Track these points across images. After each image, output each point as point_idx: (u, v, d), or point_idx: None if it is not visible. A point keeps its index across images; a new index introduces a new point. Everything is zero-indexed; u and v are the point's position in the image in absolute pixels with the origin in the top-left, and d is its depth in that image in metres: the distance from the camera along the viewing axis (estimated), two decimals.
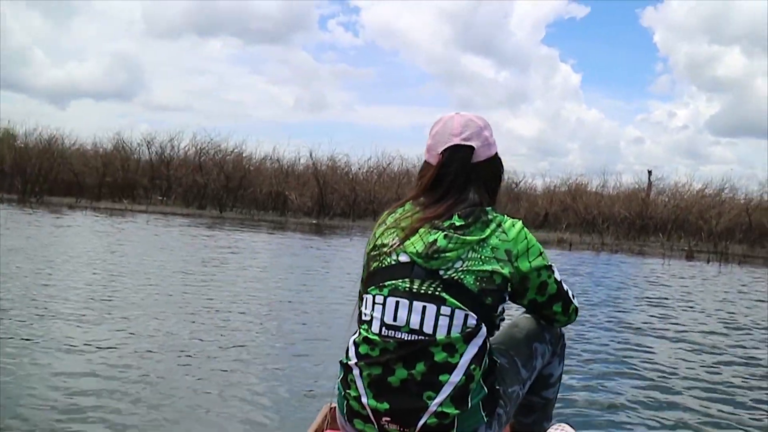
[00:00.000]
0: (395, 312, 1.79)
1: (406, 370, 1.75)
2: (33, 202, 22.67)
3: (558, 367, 2.18)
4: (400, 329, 1.78)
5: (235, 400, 3.74)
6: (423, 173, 1.98)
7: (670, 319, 7.54)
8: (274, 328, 5.72)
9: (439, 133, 1.97)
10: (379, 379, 1.78)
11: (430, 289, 1.78)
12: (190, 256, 10.84)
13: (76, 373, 4.01)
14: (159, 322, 5.51)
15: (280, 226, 20.47)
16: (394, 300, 1.80)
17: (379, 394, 1.78)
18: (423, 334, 1.76)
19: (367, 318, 1.85)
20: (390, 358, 1.77)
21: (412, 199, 1.96)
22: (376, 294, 1.83)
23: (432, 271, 1.79)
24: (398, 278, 1.81)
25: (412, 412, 1.75)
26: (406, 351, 1.76)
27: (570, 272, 12.32)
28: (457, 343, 1.75)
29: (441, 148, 1.93)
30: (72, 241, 12.01)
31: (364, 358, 1.81)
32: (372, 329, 1.82)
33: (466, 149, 1.92)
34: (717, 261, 17.64)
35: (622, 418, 3.75)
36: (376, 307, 1.83)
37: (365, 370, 1.80)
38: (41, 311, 5.59)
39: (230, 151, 28.14)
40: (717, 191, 26.35)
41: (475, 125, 1.96)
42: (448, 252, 1.79)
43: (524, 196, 28.16)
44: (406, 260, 1.82)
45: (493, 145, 1.99)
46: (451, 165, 1.91)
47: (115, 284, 7.31)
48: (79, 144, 28.33)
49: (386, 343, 1.78)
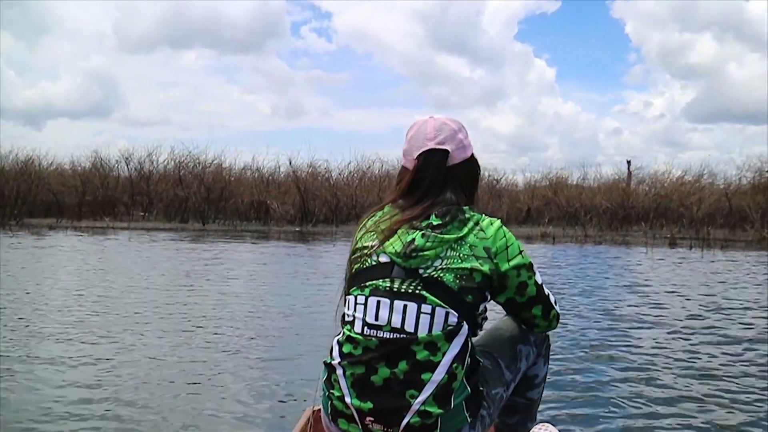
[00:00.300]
0: (377, 311, 1.81)
1: (389, 368, 1.76)
2: (12, 225, 22.42)
3: (543, 368, 2.20)
4: (382, 328, 1.79)
5: (217, 408, 3.72)
6: (400, 177, 2.01)
7: (650, 305, 7.61)
8: (255, 335, 5.70)
9: (413, 138, 1.99)
10: (362, 378, 1.79)
11: (410, 288, 1.79)
12: (174, 269, 10.77)
13: (65, 385, 4.05)
14: (142, 336, 5.48)
15: (264, 236, 20.40)
16: (375, 299, 1.81)
17: (362, 394, 1.79)
18: (404, 332, 1.77)
19: (349, 318, 1.86)
20: (372, 356, 1.78)
21: (390, 202, 1.98)
22: (358, 294, 1.85)
23: (411, 270, 1.81)
24: (379, 278, 1.83)
25: (395, 412, 1.75)
26: (389, 349, 1.77)
27: (553, 265, 12.41)
28: (438, 341, 1.76)
29: (416, 153, 1.96)
30: (55, 261, 11.87)
31: (347, 357, 1.82)
32: (354, 329, 1.83)
33: (441, 153, 1.94)
34: (699, 247, 17.75)
35: (603, 412, 3.72)
36: (358, 307, 1.84)
37: (348, 369, 1.81)
38: (28, 330, 5.57)
39: (209, 162, 28.08)
40: (696, 177, 26.67)
41: (449, 128, 1.98)
42: (426, 250, 1.80)
43: (506, 193, 28.30)
44: (386, 260, 1.84)
45: (468, 147, 2.01)
46: (426, 169, 1.93)
47: (101, 300, 7.26)
48: (57, 164, 28.15)
49: (368, 342, 1.79)
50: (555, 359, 4.64)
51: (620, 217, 25.19)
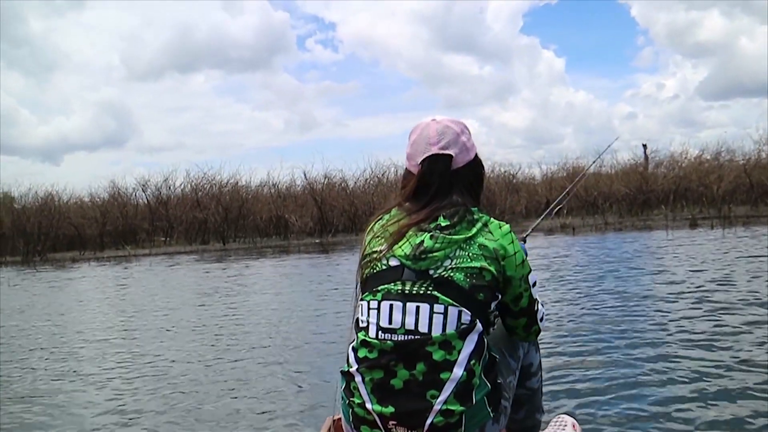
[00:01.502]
0: (390, 315, 1.81)
1: (407, 371, 1.76)
2: (36, 261, 22.67)
3: (536, 356, 2.22)
4: (396, 331, 1.79)
5: (240, 421, 3.77)
6: (405, 182, 2.01)
7: (666, 283, 7.63)
8: (282, 345, 5.75)
9: (416, 142, 1.98)
10: (381, 383, 1.79)
11: (422, 289, 1.79)
12: (198, 289, 10.86)
13: (101, 403, 4.32)
14: (172, 353, 5.61)
15: (284, 250, 20.47)
16: (388, 303, 1.82)
17: (383, 399, 1.78)
18: (419, 333, 1.77)
19: (363, 324, 1.86)
20: (389, 359, 1.78)
21: (396, 206, 1.97)
22: (371, 299, 1.85)
23: (422, 271, 1.81)
24: (390, 282, 1.83)
25: (417, 414, 1.75)
26: (404, 351, 1.77)
27: (567, 255, 12.33)
28: (453, 339, 1.76)
29: (420, 157, 1.96)
30: (81, 291, 12.02)
31: (363, 362, 1.82)
32: (369, 334, 1.83)
33: (445, 158, 1.94)
34: (721, 225, 17.50)
35: (618, 402, 3.66)
36: (371, 312, 1.84)
37: (367, 375, 1.81)
38: (65, 357, 5.77)
39: (225, 182, 28.21)
40: (714, 155, 26.33)
41: (452, 132, 1.97)
42: (436, 252, 1.81)
43: (523, 187, 28.08)
44: (396, 264, 1.85)
45: (472, 149, 2.01)
46: (431, 175, 1.93)
47: (130, 324, 7.42)
48: (76, 197, 28.44)
49: (384, 345, 1.79)
50: (560, 351, 4.72)
51: (640, 202, 24.93)
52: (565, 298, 7.21)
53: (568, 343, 4.99)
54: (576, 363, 4.43)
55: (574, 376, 4.12)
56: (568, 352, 4.73)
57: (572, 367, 4.32)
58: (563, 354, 4.69)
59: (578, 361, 4.46)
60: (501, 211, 24.76)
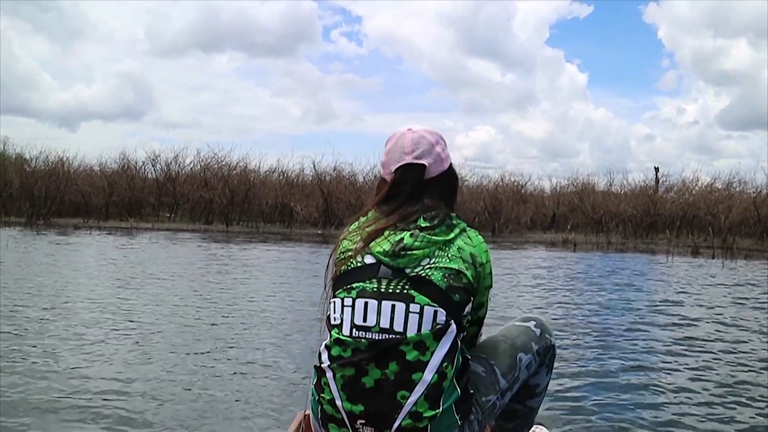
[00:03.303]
0: (365, 313, 1.79)
1: (380, 370, 1.75)
2: (40, 224, 22.75)
3: (545, 378, 2.18)
4: (371, 329, 1.78)
5: (216, 408, 3.75)
6: (379, 190, 2.01)
7: (648, 311, 7.61)
8: (267, 335, 5.71)
9: (392, 151, 1.99)
10: (352, 380, 1.78)
11: (398, 288, 1.78)
12: (196, 270, 10.89)
13: (92, 377, 4.22)
14: (158, 335, 5.55)
15: (286, 237, 20.50)
16: (363, 301, 1.80)
17: (353, 396, 1.77)
18: (394, 332, 1.76)
19: (336, 322, 1.84)
20: (362, 358, 1.77)
21: (371, 209, 1.98)
22: (345, 297, 1.84)
23: (399, 269, 1.80)
24: (365, 279, 1.82)
25: (386, 414, 1.74)
26: (378, 350, 1.76)
27: (558, 270, 12.29)
28: (427, 340, 1.75)
29: (393, 166, 1.97)
30: (77, 259, 12.04)
31: (336, 359, 1.81)
32: (343, 332, 1.81)
33: (418, 168, 1.95)
34: (722, 256, 17.40)
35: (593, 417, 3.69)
36: (345, 309, 1.82)
37: (338, 371, 1.79)
38: (53, 329, 5.67)
39: (234, 165, 28.26)
40: (726, 185, 26.23)
41: (427, 142, 1.98)
42: (415, 250, 1.80)
43: (531, 198, 28.03)
44: (371, 261, 1.83)
45: (446, 160, 2.02)
46: (403, 184, 1.94)
47: (124, 298, 7.39)
48: (86, 165, 28.57)
49: (358, 343, 1.78)
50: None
51: (646, 225, 24.87)
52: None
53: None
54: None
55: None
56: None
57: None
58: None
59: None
60: (506, 221, 24.75)
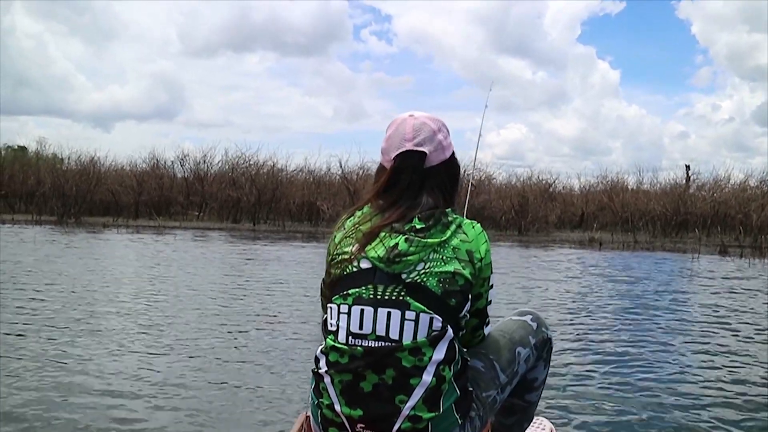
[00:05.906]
0: (360, 320, 1.78)
1: (377, 375, 1.75)
2: (70, 223, 23.18)
3: (543, 372, 2.17)
4: (367, 337, 1.77)
5: (233, 409, 3.77)
6: (378, 177, 1.97)
7: (666, 311, 7.55)
8: (292, 336, 5.75)
9: (392, 137, 1.95)
10: (350, 385, 1.77)
11: (393, 295, 1.77)
12: (223, 268, 11.01)
13: (118, 374, 4.33)
14: (181, 332, 5.63)
15: (312, 236, 20.59)
16: (359, 308, 1.79)
17: (351, 401, 1.77)
18: (389, 340, 1.75)
19: (333, 328, 1.83)
20: (359, 365, 1.76)
21: (369, 201, 1.94)
22: (341, 303, 1.82)
23: (394, 275, 1.78)
24: (361, 285, 1.80)
25: (385, 418, 1.74)
26: (374, 357, 1.75)
27: (581, 268, 12.18)
28: (423, 347, 1.74)
29: (393, 153, 1.92)
30: (105, 257, 12.23)
31: (333, 366, 1.80)
32: (339, 339, 1.81)
33: (418, 155, 1.90)
34: (751, 255, 17.00)
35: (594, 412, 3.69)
36: (341, 316, 1.81)
37: (336, 377, 1.79)
38: (83, 326, 5.79)
39: (262, 164, 28.45)
40: (759, 183, 25.73)
41: (428, 129, 1.94)
42: (410, 255, 1.78)
43: (560, 197, 27.76)
44: (367, 266, 1.81)
45: (448, 148, 1.97)
46: (403, 171, 1.89)
47: (152, 297, 7.52)
48: (117, 164, 29.03)
49: (354, 351, 1.77)
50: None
51: (676, 223, 24.50)
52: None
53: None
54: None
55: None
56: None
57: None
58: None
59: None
60: (533, 219, 24.57)
